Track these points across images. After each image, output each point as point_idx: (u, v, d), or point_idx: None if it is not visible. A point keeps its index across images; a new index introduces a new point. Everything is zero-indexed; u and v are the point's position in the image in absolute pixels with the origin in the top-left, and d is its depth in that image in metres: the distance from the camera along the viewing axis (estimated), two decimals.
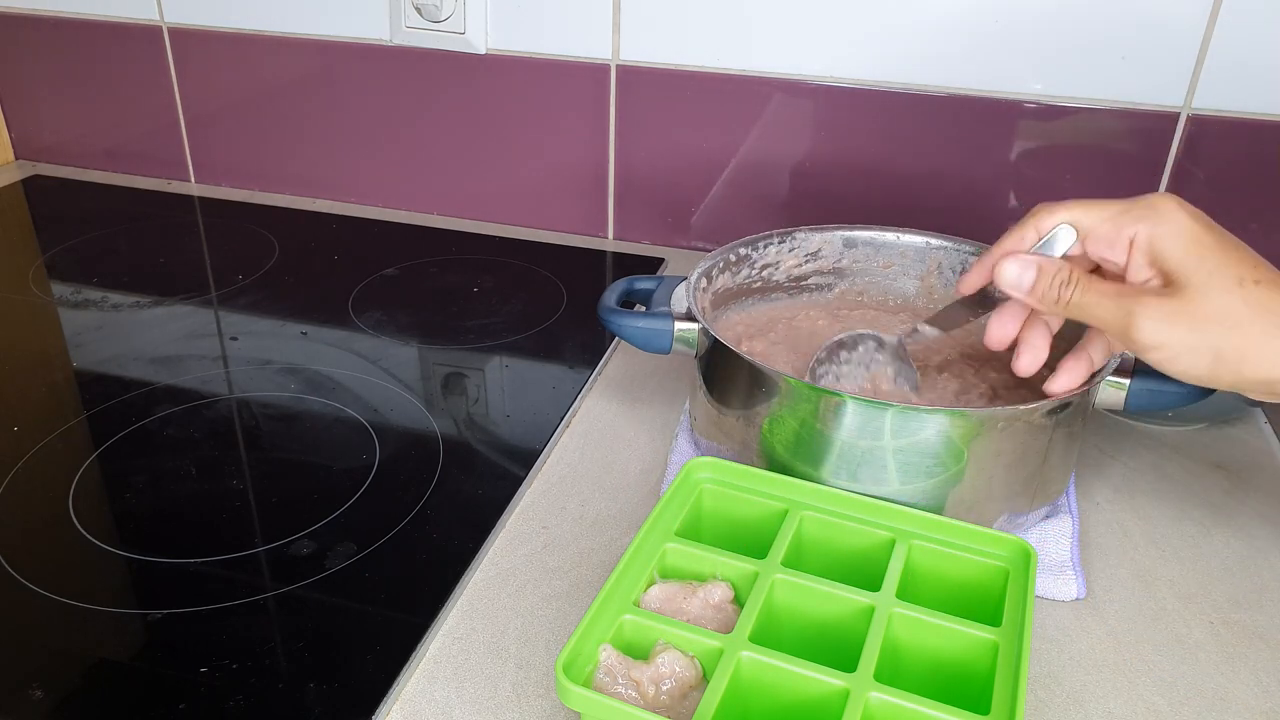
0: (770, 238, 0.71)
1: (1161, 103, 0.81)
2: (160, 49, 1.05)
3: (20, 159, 1.18)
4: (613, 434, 0.70)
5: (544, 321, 0.84)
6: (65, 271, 0.92)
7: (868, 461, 0.54)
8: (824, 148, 0.90)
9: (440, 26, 0.94)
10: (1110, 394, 0.58)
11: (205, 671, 0.49)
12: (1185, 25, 0.78)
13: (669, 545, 0.51)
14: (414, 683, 0.49)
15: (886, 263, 0.73)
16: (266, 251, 0.96)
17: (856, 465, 0.55)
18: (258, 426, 0.70)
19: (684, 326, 0.62)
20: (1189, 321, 0.45)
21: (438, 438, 0.68)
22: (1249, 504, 0.65)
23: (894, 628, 0.46)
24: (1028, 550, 0.50)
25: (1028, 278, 0.50)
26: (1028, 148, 0.85)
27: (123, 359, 0.77)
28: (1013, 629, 0.46)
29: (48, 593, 0.53)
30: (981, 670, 0.45)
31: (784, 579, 0.48)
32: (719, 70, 0.90)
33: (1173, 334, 0.46)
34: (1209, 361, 0.45)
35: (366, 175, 1.06)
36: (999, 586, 0.49)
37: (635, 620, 0.46)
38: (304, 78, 1.02)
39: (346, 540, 0.58)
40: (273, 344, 0.79)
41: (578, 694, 0.41)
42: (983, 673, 0.45)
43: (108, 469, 0.64)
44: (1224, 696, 0.50)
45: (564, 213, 1.01)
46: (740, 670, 0.43)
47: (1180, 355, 0.46)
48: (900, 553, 0.50)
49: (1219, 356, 0.45)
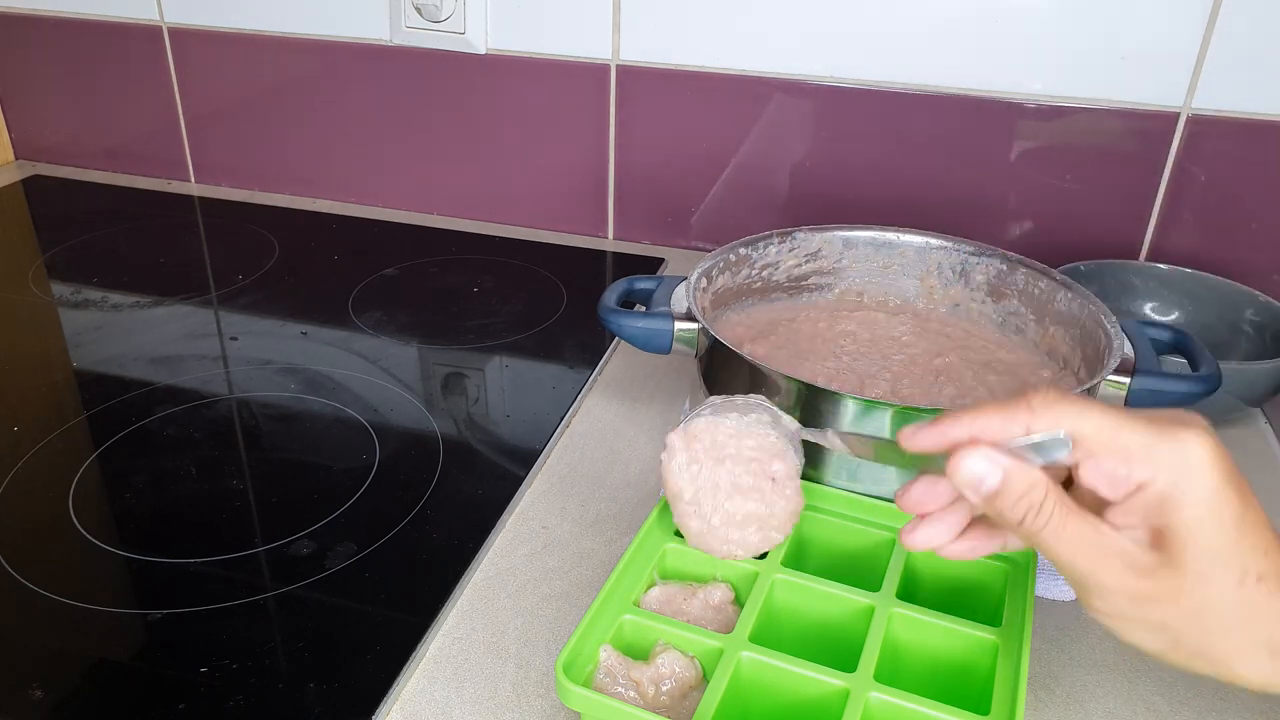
0: (770, 238, 0.71)
1: (1161, 103, 0.81)
2: (160, 49, 1.05)
3: (20, 159, 1.18)
4: (613, 434, 0.70)
5: (544, 321, 0.84)
6: (65, 271, 0.92)
7: (867, 462, 0.54)
8: (824, 148, 0.90)
9: (440, 26, 0.94)
10: (1110, 394, 0.58)
11: (205, 671, 0.49)
12: (1185, 25, 0.78)
13: (669, 545, 0.51)
14: (414, 683, 0.49)
15: (886, 263, 0.73)
16: (266, 251, 0.96)
17: (856, 465, 0.55)
18: (258, 426, 0.70)
19: (684, 326, 0.62)
20: (1165, 607, 0.37)
21: (438, 438, 0.68)
22: None
23: (894, 628, 0.46)
24: (1028, 550, 0.50)
25: (990, 483, 0.38)
26: (1028, 148, 0.85)
27: (123, 359, 0.77)
28: (1013, 629, 0.46)
29: (48, 593, 0.53)
30: (982, 670, 0.45)
31: (784, 579, 0.48)
32: (719, 70, 0.90)
33: (1139, 611, 0.37)
34: (1167, 646, 0.38)
35: (366, 175, 1.06)
36: (999, 586, 0.49)
37: (635, 621, 0.46)
38: (304, 78, 1.02)
39: (346, 540, 0.58)
40: (273, 344, 0.79)
41: (578, 694, 0.41)
42: (983, 673, 0.45)
43: (108, 469, 0.64)
44: (1224, 696, 0.50)
45: (564, 213, 1.01)
46: (740, 670, 0.43)
47: (1136, 632, 0.38)
48: (900, 552, 0.50)
49: (1179, 644, 0.38)
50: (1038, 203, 0.87)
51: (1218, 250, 0.84)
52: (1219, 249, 0.84)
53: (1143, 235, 0.86)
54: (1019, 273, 0.69)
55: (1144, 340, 0.60)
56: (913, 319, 0.72)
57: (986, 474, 0.38)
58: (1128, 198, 0.84)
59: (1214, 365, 0.59)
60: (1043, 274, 0.68)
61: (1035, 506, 0.38)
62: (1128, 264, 0.80)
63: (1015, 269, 0.69)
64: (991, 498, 0.38)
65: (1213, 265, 0.80)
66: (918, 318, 0.72)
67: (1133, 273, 0.80)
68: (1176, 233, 0.85)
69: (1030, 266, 0.68)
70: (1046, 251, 0.78)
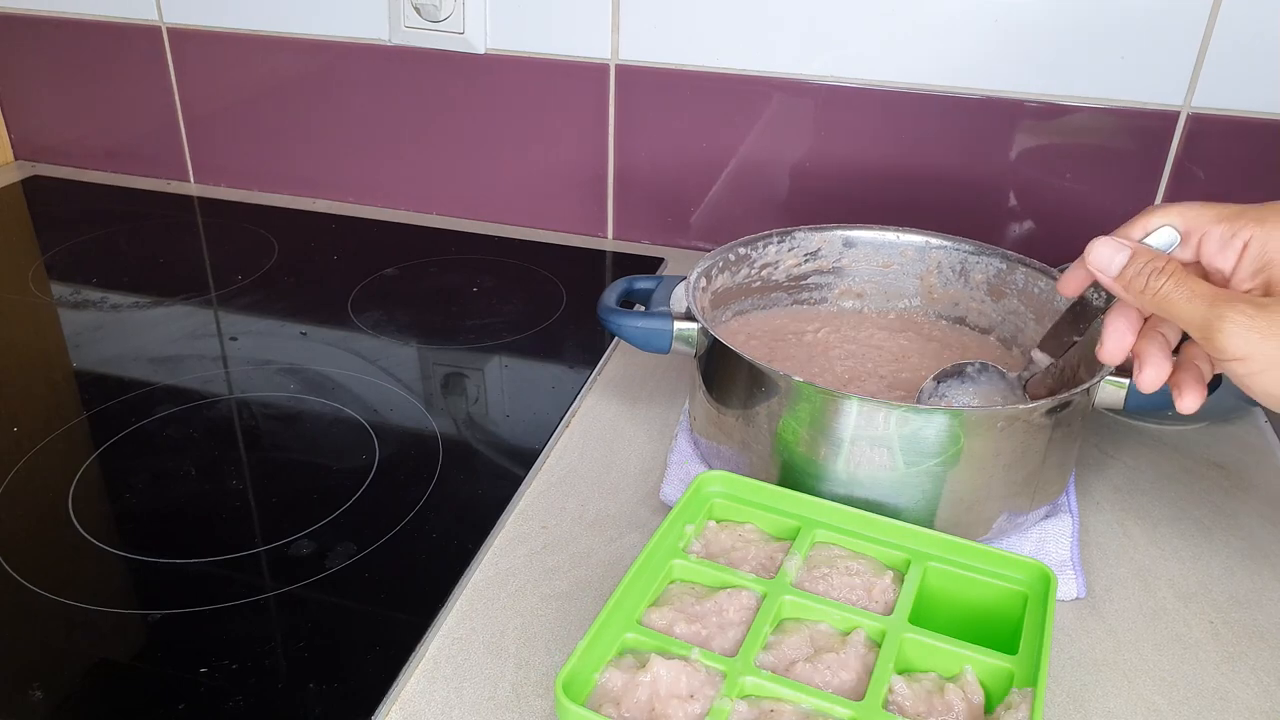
0: (770, 237, 0.71)
1: (1161, 102, 0.81)
2: (160, 49, 1.05)
3: (20, 159, 1.18)
4: (613, 434, 0.70)
5: (544, 321, 0.84)
6: (65, 271, 0.92)
7: (868, 460, 0.54)
8: (824, 148, 0.90)
9: (440, 26, 0.94)
10: (1110, 394, 0.58)
11: (205, 671, 0.49)
12: (1185, 25, 0.78)
13: (676, 562, 0.50)
14: (414, 683, 0.49)
15: (886, 262, 0.73)
16: (266, 251, 0.96)
17: (856, 465, 0.55)
18: (258, 426, 0.70)
19: (683, 326, 0.62)
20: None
21: (437, 438, 0.68)
22: (1249, 504, 0.65)
23: (905, 653, 0.45)
24: (1047, 575, 0.48)
25: (1119, 260, 0.47)
26: (1028, 147, 0.85)
27: (123, 359, 0.77)
28: (1029, 658, 0.44)
29: (48, 593, 0.53)
30: (995, 699, 0.44)
31: (793, 600, 0.47)
32: (719, 70, 0.90)
33: (1261, 347, 0.42)
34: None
35: (366, 175, 1.06)
36: (1017, 611, 0.48)
37: (638, 639, 0.45)
38: (304, 78, 1.02)
39: (346, 540, 0.58)
40: (272, 344, 0.79)
41: (576, 713, 0.40)
42: (997, 701, 0.43)
43: (108, 469, 0.64)
44: (1224, 696, 0.50)
45: (564, 213, 1.01)
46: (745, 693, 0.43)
47: (1265, 371, 0.43)
48: (915, 574, 0.49)
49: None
50: (1038, 202, 0.87)
51: None
52: None
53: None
54: (1019, 272, 0.69)
55: None
56: (910, 327, 0.72)
57: (1115, 253, 0.47)
58: (1128, 197, 0.84)
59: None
60: (1042, 273, 0.68)
61: (1159, 269, 0.46)
62: None
63: (1015, 268, 0.69)
64: (1121, 272, 0.47)
65: None
66: (916, 326, 0.72)
67: None
68: None
69: (1030, 266, 0.68)
70: (1046, 251, 0.78)
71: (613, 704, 0.42)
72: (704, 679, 0.43)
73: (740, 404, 0.58)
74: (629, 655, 0.44)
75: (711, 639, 0.46)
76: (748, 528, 0.53)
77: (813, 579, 0.49)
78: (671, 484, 0.62)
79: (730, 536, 0.53)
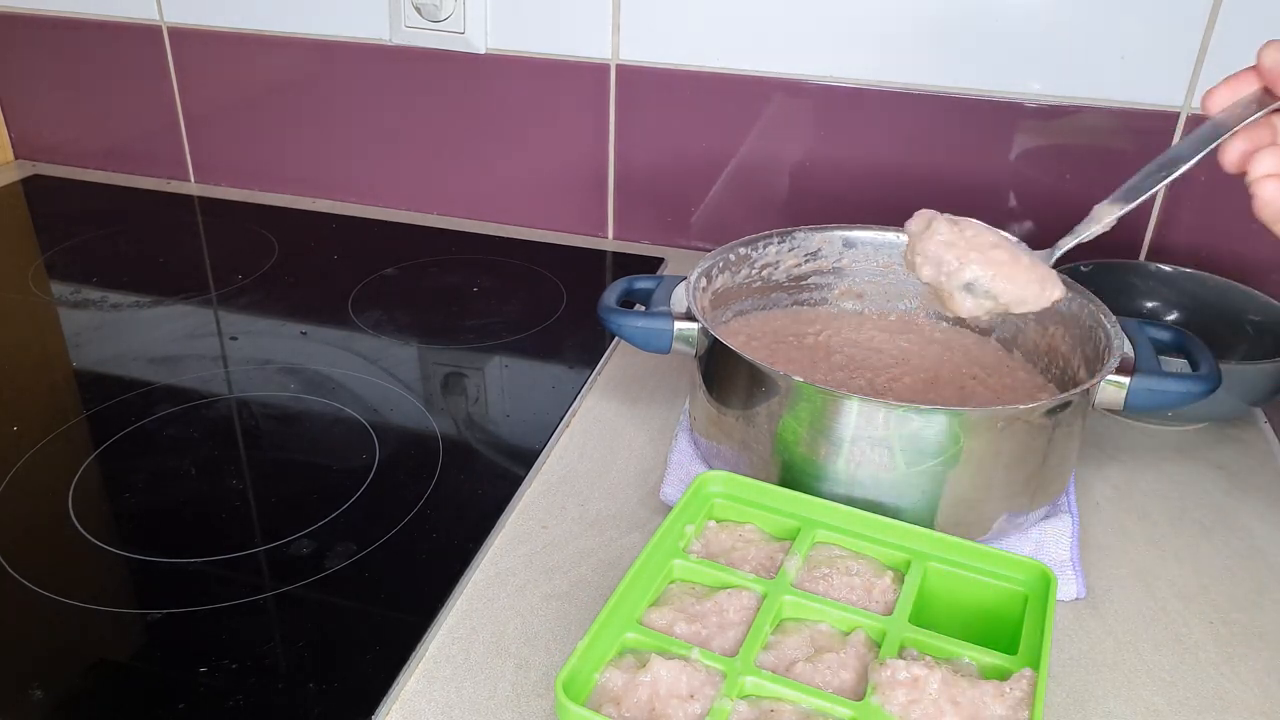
0: (770, 237, 0.71)
1: (1161, 103, 0.81)
2: (160, 49, 1.05)
3: (20, 159, 1.18)
4: (613, 434, 0.70)
5: (544, 321, 0.84)
6: (65, 271, 0.92)
7: (868, 461, 0.54)
8: (824, 148, 0.90)
9: (440, 26, 0.94)
10: (1110, 394, 0.57)
11: (205, 671, 0.49)
12: (1185, 25, 0.78)
13: (676, 562, 0.50)
14: (414, 683, 0.49)
15: (886, 263, 0.73)
16: (266, 251, 0.96)
17: (857, 465, 0.55)
18: (257, 426, 0.69)
19: (684, 326, 0.62)
20: None
21: (437, 437, 0.68)
22: (1249, 504, 0.65)
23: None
24: (1047, 575, 0.48)
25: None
26: (1028, 148, 0.85)
27: (122, 359, 0.77)
28: (1029, 658, 0.44)
29: (48, 593, 0.53)
30: None
31: (794, 601, 0.47)
32: (719, 70, 0.90)
33: None
34: None
35: (366, 175, 1.06)
36: (1017, 612, 0.48)
37: (638, 639, 0.45)
38: (304, 78, 1.02)
39: (346, 540, 0.58)
40: (272, 344, 0.79)
41: (576, 713, 0.40)
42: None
43: (107, 469, 0.64)
44: (1224, 696, 0.50)
45: (564, 212, 1.01)
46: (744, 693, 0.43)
47: None
48: (915, 575, 0.49)
49: None
50: (1038, 203, 0.87)
51: (1218, 250, 0.84)
52: (1219, 249, 0.84)
53: (1143, 235, 0.86)
54: None
55: (1144, 340, 0.60)
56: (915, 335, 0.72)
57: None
58: None
59: (1214, 365, 0.59)
60: None
61: None
62: (1127, 264, 0.80)
63: None
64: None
65: (1213, 265, 0.80)
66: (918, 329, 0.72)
67: (1133, 273, 0.80)
68: (1176, 233, 0.85)
69: None
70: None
71: (613, 704, 0.42)
72: (704, 679, 0.43)
73: (740, 404, 0.58)
74: (629, 655, 0.44)
75: (711, 639, 0.46)
76: (748, 528, 0.53)
77: (813, 579, 0.49)
78: (671, 484, 0.62)
79: (730, 536, 0.53)
